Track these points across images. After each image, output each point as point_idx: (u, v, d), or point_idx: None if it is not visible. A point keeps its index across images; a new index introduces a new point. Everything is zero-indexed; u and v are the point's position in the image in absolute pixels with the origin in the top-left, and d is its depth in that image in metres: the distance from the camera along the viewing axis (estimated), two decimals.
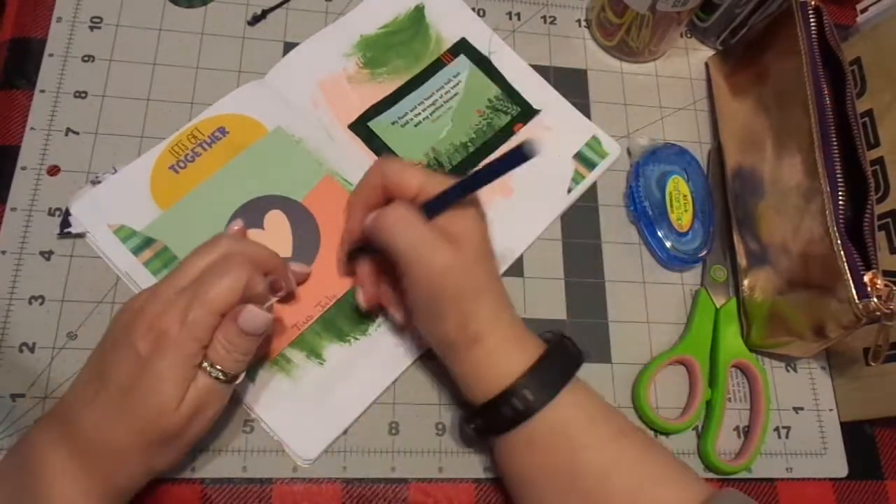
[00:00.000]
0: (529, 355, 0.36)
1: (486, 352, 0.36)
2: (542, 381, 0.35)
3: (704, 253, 0.48)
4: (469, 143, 0.48)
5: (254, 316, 0.34)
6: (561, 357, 0.37)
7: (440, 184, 0.36)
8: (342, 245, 0.43)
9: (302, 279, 0.42)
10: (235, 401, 0.40)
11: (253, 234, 0.43)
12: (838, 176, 0.41)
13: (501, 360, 0.36)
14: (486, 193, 0.47)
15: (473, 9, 0.53)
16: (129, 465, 0.33)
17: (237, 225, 0.40)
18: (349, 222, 0.41)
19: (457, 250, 0.35)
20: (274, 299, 0.36)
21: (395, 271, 0.36)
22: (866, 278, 0.39)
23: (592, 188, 0.50)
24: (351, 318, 0.43)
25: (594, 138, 0.50)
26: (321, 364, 0.41)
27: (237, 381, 0.35)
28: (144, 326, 0.33)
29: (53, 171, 0.43)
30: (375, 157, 0.47)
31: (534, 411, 0.35)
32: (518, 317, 0.38)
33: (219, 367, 0.34)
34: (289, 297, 0.42)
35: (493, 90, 0.50)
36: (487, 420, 0.36)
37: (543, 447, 0.35)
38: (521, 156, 0.33)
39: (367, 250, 0.40)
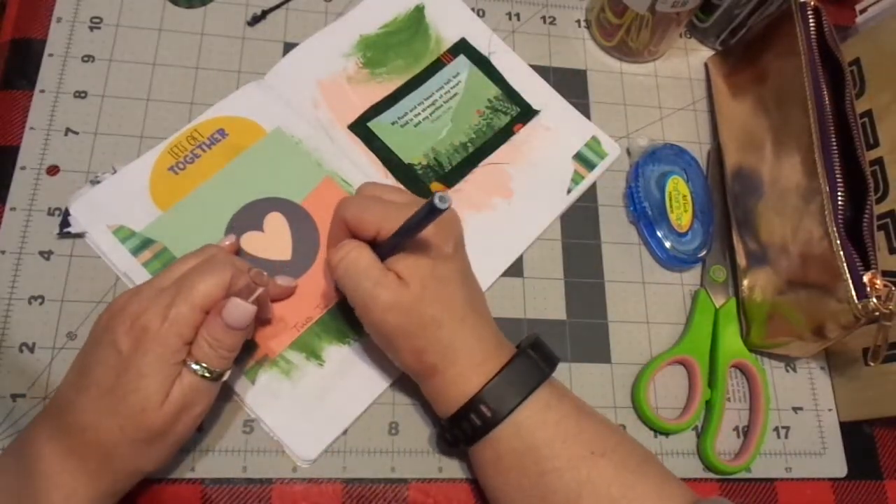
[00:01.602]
0: (489, 372, 0.36)
1: (445, 380, 0.37)
2: (498, 394, 0.36)
3: (704, 253, 0.48)
4: (469, 144, 0.49)
5: (237, 307, 0.34)
6: (522, 369, 0.37)
7: (398, 221, 0.35)
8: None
9: (288, 293, 0.42)
10: (235, 401, 0.40)
11: (252, 236, 0.43)
12: (837, 176, 0.41)
13: (461, 384, 0.36)
14: (486, 194, 0.47)
15: (473, 9, 0.53)
16: (114, 463, 0.33)
17: (229, 240, 0.41)
18: (326, 256, 0.42)
19: (402, 288, 0.35)
20: (259, 290, 0.36)
21: None
22: (865, 278, 0.39)
23: (592, 188, 0.50)
24: (351, 319, 0.43)
25: (594, 139, 0.51)
26: (321, 365, 0.41)
27: (223, 379, 0.35)
28: (126, 324, 0.33)
29: (53, 171, 0.43)
30: (375, 158, 0.47)
31: (493, 425, 0.35)
32: (489, 334, 0.38)
33: (204, 365, 0.34)
34: (265, 320, 0.41)
35: (493, 90, 0.50)
36: (453, 433, 0.37)
37: (510, 465, 0.36)
38: (435, 210, 0.32)
39: None
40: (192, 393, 0.34)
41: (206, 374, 0.34)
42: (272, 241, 0.43)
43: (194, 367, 0.34)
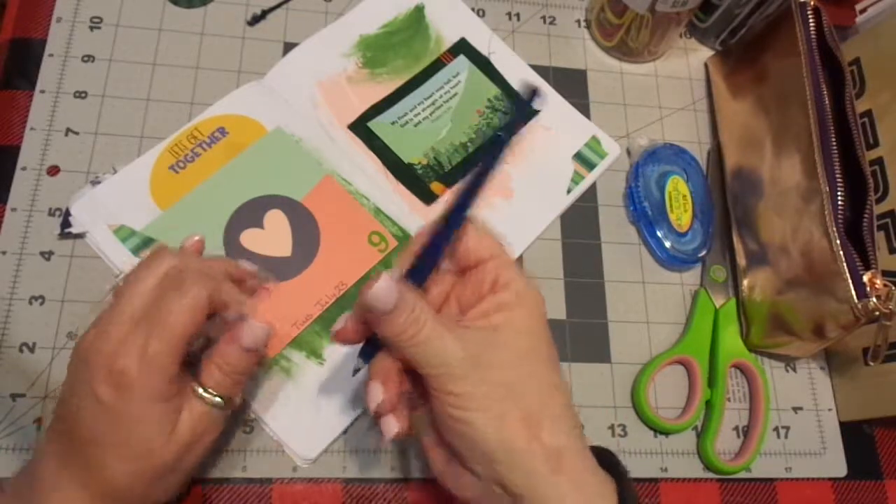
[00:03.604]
0: (609, 489, 0.30)
1: (573, 481, 0.29)
2: None
3: (704, 253, 0.48)
4: (469, 143, 0.49)
5: (253, 329, 0.32)
6: (631, 486, 0.30)
7: (494, 269, 0.31)
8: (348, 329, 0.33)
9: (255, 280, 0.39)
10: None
11: (253, 233, 0.43)
12: (837, 176, 0.41)
13: (586, 499, 0.29)
14: (485, 195, 0.47)
15: (473, 9, 0.53)
16: (130, 500, 0.31)
17: (196, 237, 0.37)
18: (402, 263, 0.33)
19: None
20: (249, 300, 0.34)
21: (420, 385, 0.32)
22: (865, 278, 0.39)
23: (592, 188, 0.50)
24: None
25: (593, 138, 0.51)
26: (321, 364, 0.42)
27: (236, 406, 0.34)
28: (101, 371, 0.30)
29: (53, 171, 0.43)
30: (375, 158, 0.47)
31: None
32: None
33: (215, 393, 0.32)
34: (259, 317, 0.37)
35: (493, 90, 0.50)
36: None
37: None
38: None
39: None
40: (203, 423, 0.32)
41: (219, 403, 0.32)
42: (272, 237, 0.43)
43: (205, 395, 0.32)
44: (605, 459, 0.31)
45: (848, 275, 0.39)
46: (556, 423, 0.29)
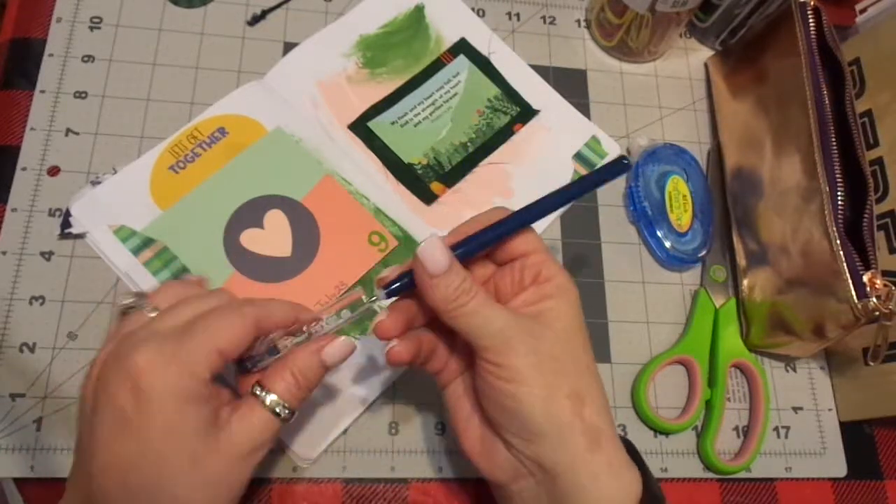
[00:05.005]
0: (636, 472, 0.31)
1: (607, 462, 0.30)
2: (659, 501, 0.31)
3: (704, 253, 0.48)
4: (469, 143, 0.49)
5: (338, 349, 0.31)
6: (657, 490, 0.32)
7: (535, 265, 0.32)
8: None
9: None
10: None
11: (253, 233, 0.43)
12: (837, 176, 0.41)
13: (623, 479, 0.30)
14: (486, 194, 0.47)
15: (473, 9, 0.53)
16: None
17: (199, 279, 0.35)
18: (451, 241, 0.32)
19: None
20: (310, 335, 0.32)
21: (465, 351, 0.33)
22: (865, 278, 0.39)
23: None
24: None
25: (594, 138, 0.51)
26: None
27: (289, 421, 0.31)
28: (121, 375, 0.27)
29: (53, 171, 0.43)
30: (375, 158, 0.47)
31: None
32: None
33: (283, 401, 0.30)
34: None
35: (493, 90, 0.50)
36: None
37: None
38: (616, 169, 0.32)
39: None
40: (260, 431, 0.29)
41: (284, 412, 0.30)
42: (272, 237, 0.43)
43: (269, 399, 0.29)
44: (630, 450, 0.32)
45: (848, 275, 0.39)
46: (596, 404, 0.30)
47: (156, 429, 0.27)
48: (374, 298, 0.33)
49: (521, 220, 0.33)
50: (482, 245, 0.32)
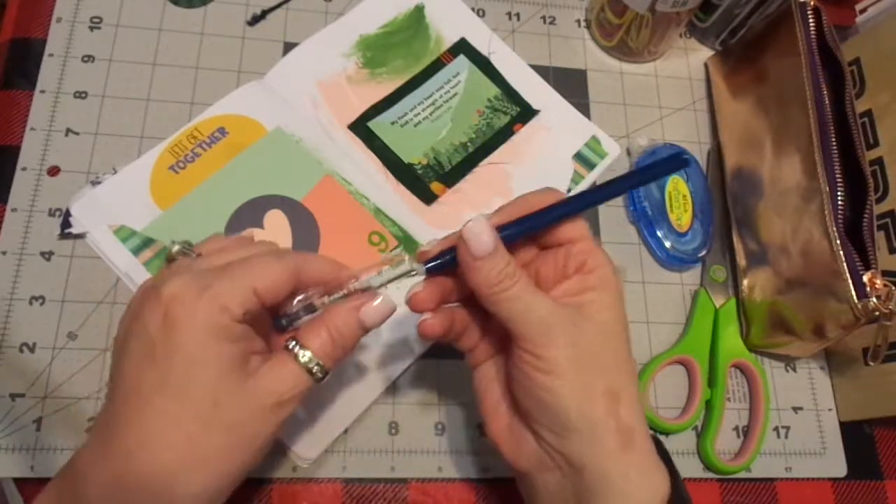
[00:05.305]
0: (665, 474, 0.30)
1: (637, 462, 0.29)
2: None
3: (704, 253, 0.48)
4: (469, 143, 0.49)
5: (378, 310, 0.30)
6: (685, 490, 0.32)
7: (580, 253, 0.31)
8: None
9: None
10: None
11: (253, 233, 0.43)
12: (837, 176, 0.41)
13: (652, 481, 0.29)
14: (486, 194, 0.47)
15: (473, 9, 0.53)
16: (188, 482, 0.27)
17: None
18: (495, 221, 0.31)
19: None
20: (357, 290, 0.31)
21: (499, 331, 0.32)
22: (865, 278, 0.39)
23: None
24: None
25: (593, 138, 0.50)
26: None
27: (322, 382, 0.30)
28: (153, 301, 0.26)
29: (53, 171, 0.43)
30: (375, 158, 0.47)
31: None
32: None
33: (317, 359, 0.29)
34: None
35: (493, 90, 0.50)
36: None
37: None
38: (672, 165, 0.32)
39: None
40: (289, 386, 0.28)
41: (317, 369, 0.29)
42: (272, 237, 0.43)
43: (303, 356, 0.28)
44: (659, 449, 0.32)
45: (848, 275, 0.39)
46: (631, 403, 0.30)
47: (180, 358, 0.26)
48: (413, 269, 0.31)
49: (573, 207, 0.31)
50: (529, 229, 0.31)
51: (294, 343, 0.29)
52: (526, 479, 0.32)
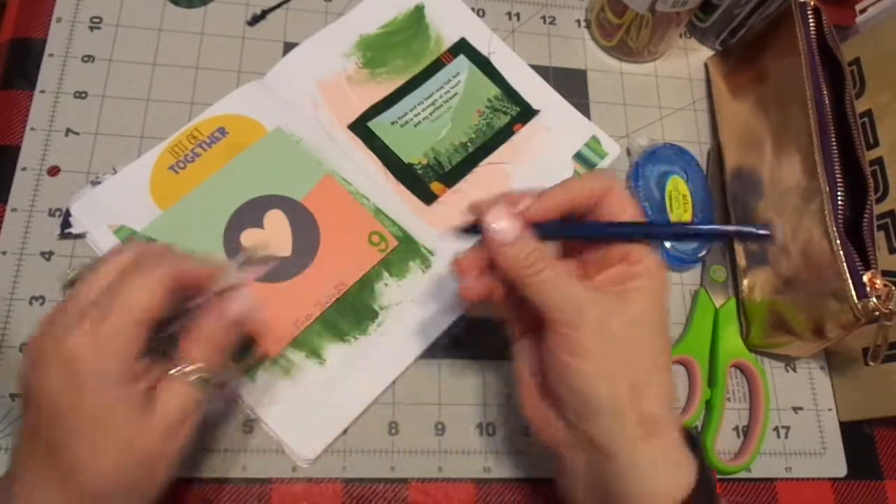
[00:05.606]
0: (692, 467, 0.30)
1: (663, 455, 0.30)
2: (711, 496, 0.30)
3: (704, 253, 0.48)
4: (469, 143, 0.49)
5: (238, 301, 0.31)
6: (710, 468, 0.32)
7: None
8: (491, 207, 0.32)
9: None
10: (235, 400, 0.40)
11: (253, 233, 0.43)
12: (837, 176, 0.41)
13: (676, 471, 0.30)
14: (486, 194, 0.47)
15: (473, 9, 0.53)
16: (113, 498, 0.29)
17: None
18: (535, 210, 0.32)
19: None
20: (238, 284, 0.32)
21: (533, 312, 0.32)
22: (865, 278, 0.39)
23: None
24: (351, 317, 0.43)
25: (593, 138, 0.50)
26: (321, 364, 0.42)
27: (220, 385, 0.32)
28: (52, 360, 0.27)
29: (53, 171, 0.43)
30: (375, 158, 0.47)
31: None
32: None
33: (200, 369, 0.30)
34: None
35: (493, 90, 0.50)
36: None
37: None
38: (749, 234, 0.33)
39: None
40: (187, 402, 0.30)
41: (200, 380, 0.30)
42: (272, 237, 0.43)
43: (190, 374, 0.30)
44: (689, 440, 0.32)
45: (848, 275, 0.39)
46: (657, 395, 0.30)
47: (87, 416, 0.27)
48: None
49: (625, 232, 0.31)
50: (569, 237, 0.32)
51: (174, 367, 0.30)
52: (556, 457, 0.33)
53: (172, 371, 0.30)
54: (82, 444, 0.28)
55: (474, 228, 0.32)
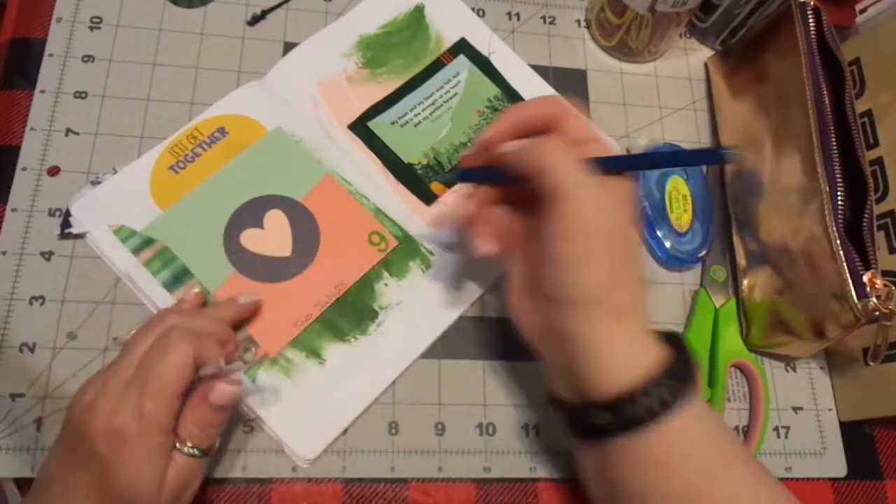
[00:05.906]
0: (661, 352, 0.33)
1: (628, 335, 0.32)
2: (677, 381, 0.32)
3: (704, 253, 0.48)
4: (469, 143, 0.49)
5: (225, 392, 0.34)
6: (690, 360, 0.34)
7: (598, 151, 0.33)
8: (469, 155, 0.38)
9: (253, 309, 0.41)
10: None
11: (253, 233, 0.43)
12: (837, 176, 0.41)
13: (639, 351, 0.32)
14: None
15: (473, 9, 0.53)
16: None
17: (195, 289, 0.40)
18: (491, 134, 0.35)
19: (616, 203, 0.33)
20: (238, 367, 0.37)
21: (529, 209, 0.35)
22: (865, 278, 0.39)
23: None
24: (351, 317, 0.43)
25: None
26: (321, 364, 0.42)
27: (213, 452, 0.36)
28: (100, 426, 0.32)
29: (53, 171, 0.43)
30: (375, 158, 0.47)
31: (667, 413, 0.31)
32: None
33: (193, 445, 0.34)
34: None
35: (493, 90, 0.50)
36: (617, 416, 0.31)
37: (660, 461, 0.31)
38: (715, 156, 0.36)
39: (477, 177, 0.37)
40: (187, 473, 0.34)
41: (198, 454, 0.34)
42: (272, 237, 0.43)
43: (186, 450, 0.33)
44: (670, 338, 0.34)
45: (848, 275, 0.39)
46: (630, 285, 0.33)
47: (127, 472, 0.31)
48: (251, 350, 0.40)
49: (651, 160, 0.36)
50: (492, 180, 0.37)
51: (176, 441, 0.34)
52: (536, 350, 0.36)
53: (176, 445, 0.33)
54: (112, 500, 0.32)
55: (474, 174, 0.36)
